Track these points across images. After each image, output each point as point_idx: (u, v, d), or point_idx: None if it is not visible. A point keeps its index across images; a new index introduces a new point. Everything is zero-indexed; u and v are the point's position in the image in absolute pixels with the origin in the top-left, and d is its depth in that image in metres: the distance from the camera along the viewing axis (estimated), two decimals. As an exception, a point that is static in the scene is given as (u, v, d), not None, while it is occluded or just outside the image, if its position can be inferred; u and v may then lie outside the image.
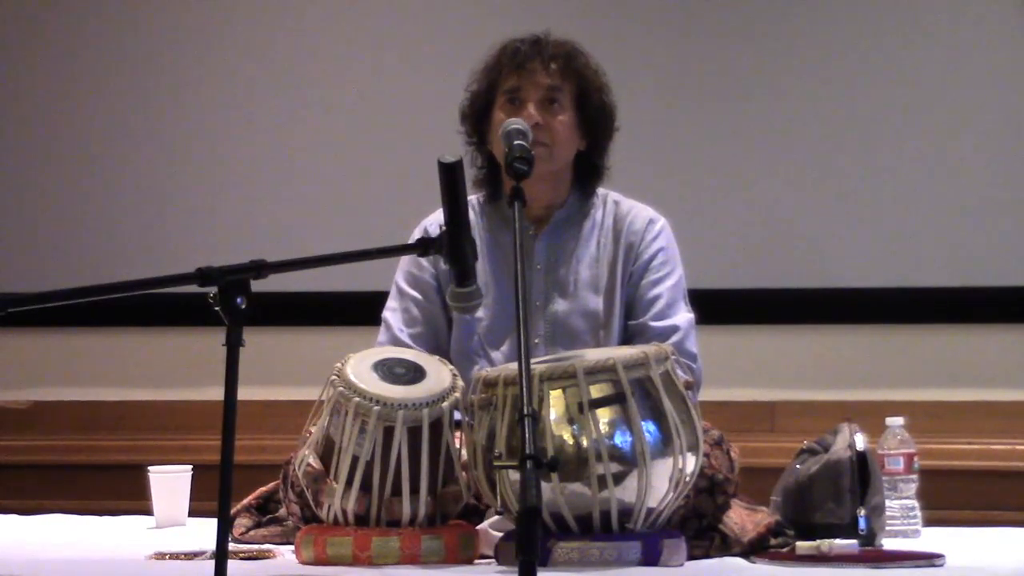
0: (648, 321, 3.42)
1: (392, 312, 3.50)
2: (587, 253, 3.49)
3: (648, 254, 3.47)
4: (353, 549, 2.88)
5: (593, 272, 3.48)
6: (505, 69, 3.44)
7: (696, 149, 5.11)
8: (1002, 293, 4.98)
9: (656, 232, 3.50)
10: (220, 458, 2.40)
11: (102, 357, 5.37)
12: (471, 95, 3.49)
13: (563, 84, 3.43)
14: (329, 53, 5.32)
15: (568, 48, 3.47)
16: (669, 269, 3.47)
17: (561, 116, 3.42)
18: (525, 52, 3.44)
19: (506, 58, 3.45)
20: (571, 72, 3.44)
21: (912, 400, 4.76)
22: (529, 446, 2.41)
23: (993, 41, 5.03)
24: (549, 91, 3.42)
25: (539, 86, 3.41)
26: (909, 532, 3.49)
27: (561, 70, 3.43)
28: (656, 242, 3.49)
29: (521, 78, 3.42)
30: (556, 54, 3.44)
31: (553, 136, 3.40)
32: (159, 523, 3.69)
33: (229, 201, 5.32)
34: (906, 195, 5.03)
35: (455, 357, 3.40)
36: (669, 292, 3.45)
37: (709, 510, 3.03)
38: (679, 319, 3.44)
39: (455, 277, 2.82)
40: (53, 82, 5.42)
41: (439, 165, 2.76)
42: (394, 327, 3.48)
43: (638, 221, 3.51)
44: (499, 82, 3.44)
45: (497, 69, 3.45)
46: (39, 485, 5.12)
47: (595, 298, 3.46)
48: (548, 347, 3.41)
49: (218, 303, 2.45)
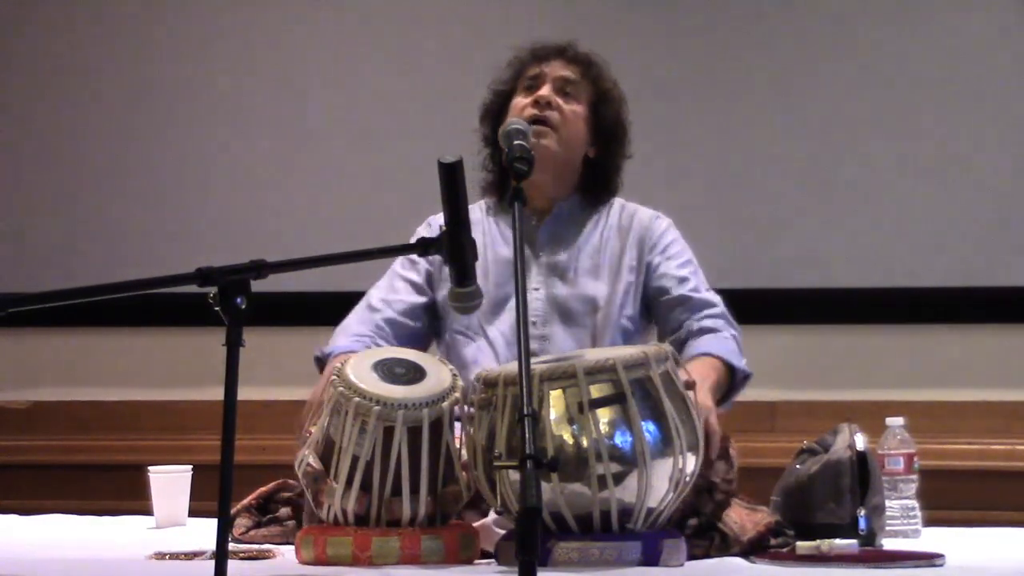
0: (687, 293, 3.50)
1: (377, 287, 3.61)
2: (589, 243, 3.54)
3: (662, 243, 3.55)
4: (353, 549, 2.88)
5: (594, 261, 3.53)
6: (528, 60, 3.56)
7: (695, 149, 5.11)
8: (1002, 293, 4.99)
9: (664, 226, 3.59)
10: (220, 458, 2.40)
11: (102, 357, 5.38)
12: (493, 93, 3.60)
13: (581, 81, 3.54)
14: (329, 53, 5.32)
15: (591, 57, 3.59)
16: (688, 256, 3.57)
17: (574, 106, 3.52)
18: (548, 50, 3.57)
19: (531, 53, 3.58)
20: (590, 76, 3.56)
21: (912, 400, 4.77)
22: (529, 446, 2.41)
23: (994, 41, 5.04)
24: (565, 82, 3.52)
25: (557, 77, 3.53)
26: (909, 532, 3.49)
27: (581, 71, 3.55)
28: (667, 235, 3.57)
29: (542, 67, 3.54)
30: (578, 58, 3.57)
31: (563, 118, 3.49)
32: (159, 523, 3.69)
33: (229, 201, 5.32)
34: (906, 195, 5.03)
35: (453, 335, 3.48)
36: (695, 275, 3.54)
37: (708, 508, 3.03)
38: (713, 295, 3.54)
39: (455, 277, 2.81)
40: (53, 82, 5.43)
41: (439, 165, 2.76)
42: (370, 293, 3.59)
43: (644, 217, 3.59)
44: (521, 73, 3.56)
45: (521, 62, 3.58)
46: (39, 485, 5.12)
47: (595, 284, 3.50)
48: (544, 327, 3.47)
49: (218, 303, 2.45)
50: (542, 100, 3.47)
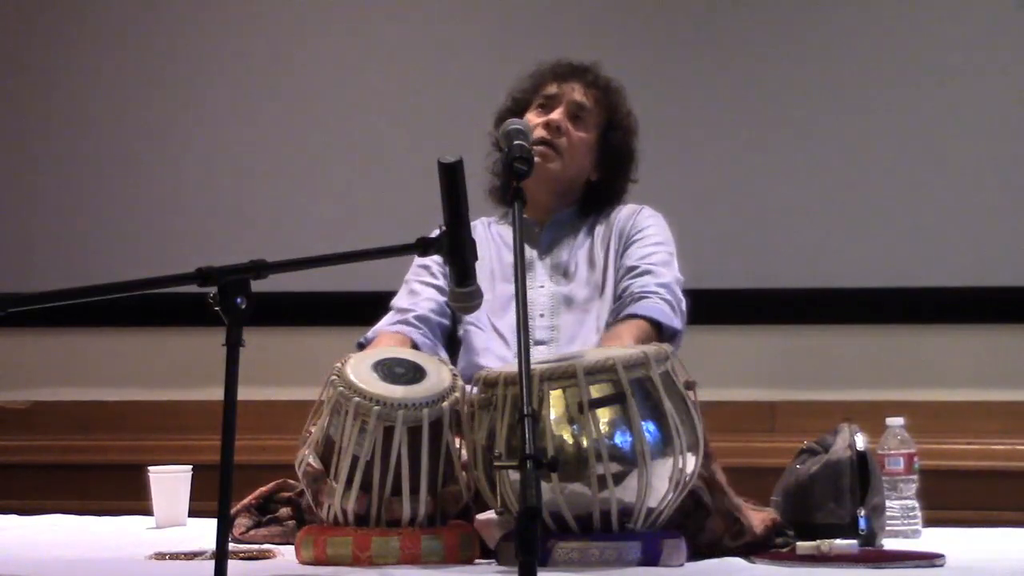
0: (637, 262, 3.51)
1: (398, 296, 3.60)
2: (587, 241, 3.61)
3: (639, 226, 3.59)
4: (353, 549, 2.88)
5: (591, 256, 3.59)
6: (548, 77, 3.62)
7: (696, 149, 5.11)
8: (1002, 293, 4.99)
9: (646, 214, 3.63)
10: (220, 458, 2.40)
11: (102, 357, 5.38)
12: (511, 100, 3.65)
13: (594, 108, 3.59)
14: (330, 54, 5.32)
15: (611, 83, 3.63)
16: (661, 239, 3.58)
17: (582, 133, 3.57)
18: (571, 69, 3.63)
19: (552, 70, 3.63)
20: (605, 103, 3.60)
21: (912, 400, 4.77)
22: (529, 446, 2.42)
23: (994, 41, 5.04)
24: (579, 108, 3.58)
25: (572, 101, 3.58)
26: (909, 532, 3.49)
27: (597, 98, 3.60)
28: (646, 220, 3.61)
29: (560, 88, 3.59)
30: (597, 83, 3.62)
31: (569, 142, 3.55)
32: (159, 523, 3.68)
33: (229, 201, 5.32)
34: (906, 195, 5.03)
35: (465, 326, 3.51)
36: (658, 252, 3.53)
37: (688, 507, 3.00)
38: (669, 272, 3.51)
39: (455, 277, 2.82)
40: (53, 83, 5.43)
41: (439, 165, 2.76)
42: (397, 303, 3.58)
43: (627, 210, 3.64)
44: (540, 88, 3.61)
45: (541, 76, 3.63)
46: (39, 485, 5.12)
47: (593, 275, 3.56)
48: (552, 317, 3.52)
49: (218, 303, 2.45)
50: (552, 124, 3.53)
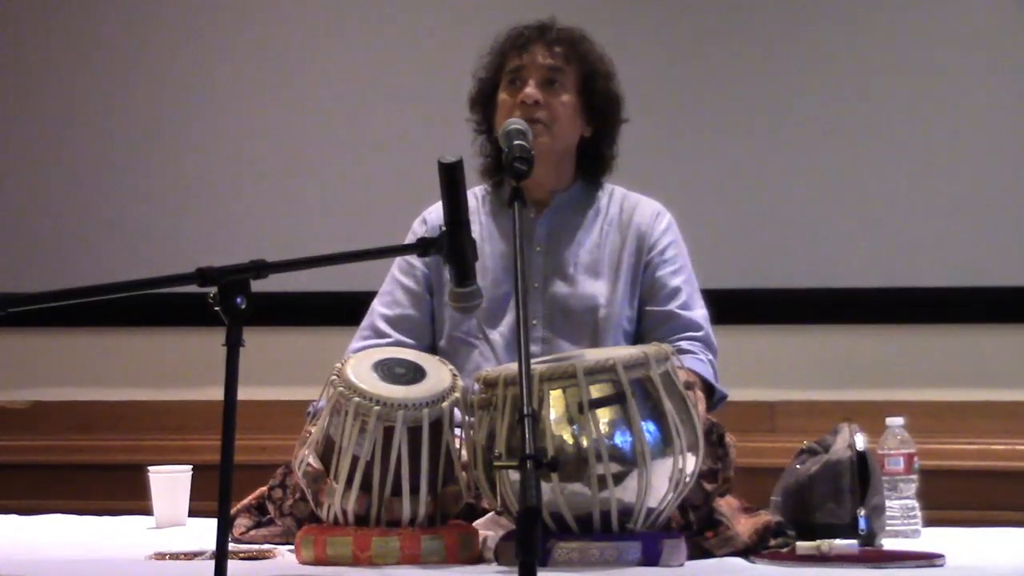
0: (675, 309, 3.47)
1: (379, 296, 3.56)
2: (589, 238, 3.51)
3: (661, 244, 3.51)
4: (353, 549, 2.88)
5: (594, 257, 3.50)
6: (509, 52, 3.49)
7: (696, 149, 5.11)
8: (1002, 293, 4.99)
9: (665, 225, 3.54)
10: (220, 458, 2.40)
11: (102, 357, 5.37)
12: (478, 81, 3.53)
13: (566, 67, 3.46)
14: (329, 53, 5.32)
15: (573, 33, 3.50)
16: (683, 263, 3.53)
17: (563, 97, 3.45)
18: (528, 35, 3.49)
19: (510, 42, 3.49)
20: (575, 56, 3.47)
21: (912, 400, 4.77)
22: (529, 446, 2.41)
23: (994, 41, 5.04)
24: (550, 72, 3.45)
25: (540, 67, 3.45)
26: (909, 532, 3.48)
27: (564, 53, 3.47)
28: (667, 235, 3.53)
29: (523, 59, 3.46)
30: (560, 38, 3.48)
31: (553, 114, 3.43)
32: (159, 523, 3.68)
33: (229, 201, 5.32)
34: (906, 195, 5.03)
35: (452, 342, 3.45)
36: (687, 285, 3.51)
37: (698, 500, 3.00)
38: (700, 313, 3.50)
39: (454, 277, 2.81)
40: (54, 83, 5.43)
41: (439, 165, 2.76)
42: (375, 310, 3.54)
43: (647, 212, 3.55)
44: (503, 65, 3.48)
45: (501, 53, 3.50)
46: (39, 485, 5.11)
47: (593, 282, 3.47)
48: (546, 328, 3.44)
49: (218, 303, 2.45)
50: (528, 100, 3.41)
